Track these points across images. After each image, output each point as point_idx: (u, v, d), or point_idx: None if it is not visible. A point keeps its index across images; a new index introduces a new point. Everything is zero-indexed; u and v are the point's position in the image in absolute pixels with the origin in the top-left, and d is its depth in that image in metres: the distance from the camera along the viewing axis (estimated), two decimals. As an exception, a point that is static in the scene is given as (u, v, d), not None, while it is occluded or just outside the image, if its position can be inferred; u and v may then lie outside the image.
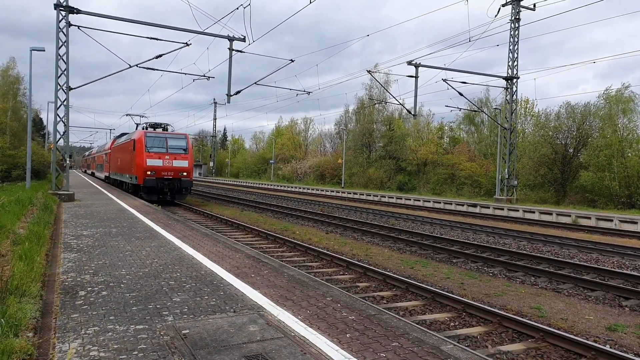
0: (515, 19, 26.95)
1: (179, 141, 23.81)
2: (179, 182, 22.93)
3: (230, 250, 8.88)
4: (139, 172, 22.47)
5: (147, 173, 22.02)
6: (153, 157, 22.28)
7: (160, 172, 22.35)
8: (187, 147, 23.79)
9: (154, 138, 22.92)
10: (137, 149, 22.75)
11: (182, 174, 22.97)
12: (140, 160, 22.32)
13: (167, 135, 23.63)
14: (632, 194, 28.57)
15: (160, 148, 22.67)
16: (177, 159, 22.98)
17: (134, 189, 24.22)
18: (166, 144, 22.99)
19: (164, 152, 22.68)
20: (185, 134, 24.90)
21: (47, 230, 10.15)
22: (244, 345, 4.16)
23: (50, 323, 4.65)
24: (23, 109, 45.56)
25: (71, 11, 18.34)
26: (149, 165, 22.10)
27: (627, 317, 7.37)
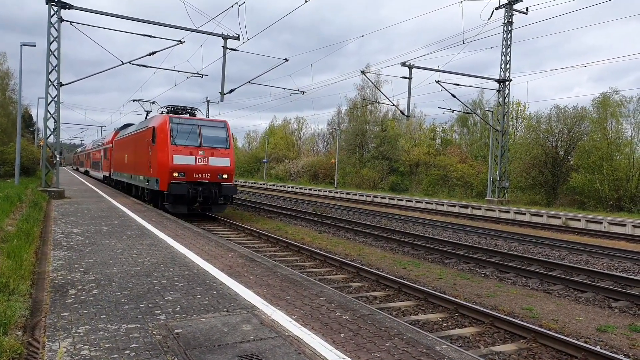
0: (508, 22, 27.13)
1: (217, 131, 17.23)
2: (217, 188, 16.56)
3: (222, 249, 8.83)
4: (161, 173, 16.04)
5: (174, 175, 15.69)
6: (182, 152, 15.98)
7: (192, 173, 16.03)
8: (228, 140, 17.26)
9: (182, 126, 16.47)
10: (159, 140, 16.35)
11: (221, 176, 16.62)
12: (164, 157, 15.93)
13: (201, 123, 17.06)
14: (620, 197, 28.90)
15: (191, 140, 16.40)
16: (215, 155, 16.54)
17: (152, 196, 17.68)
18: (199, 135, 16.62)
19: (196, 145, 16.38)
20: (225, 121, 17.76)
21: (36, 227, 10.03)
22: (237, 344, 4.12)
23: (40, 321, 4.58)
24: (12, 105, 45.00)
25: (63, 6, 18.14)
26: (176, 165, 15.75)
27: (616, 318, 7.44)
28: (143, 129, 19.13)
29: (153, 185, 16.89)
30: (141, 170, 18.96)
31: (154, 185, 16.71)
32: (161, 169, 16.11)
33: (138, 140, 19.98)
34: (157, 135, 16.55)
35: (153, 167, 16.91)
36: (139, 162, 19.39)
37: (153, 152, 16.91)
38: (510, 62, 27.69)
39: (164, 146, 16.05)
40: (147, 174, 17.72)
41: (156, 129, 16.69)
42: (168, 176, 15.78)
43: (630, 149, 30.45)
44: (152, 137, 17.02)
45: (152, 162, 17.06)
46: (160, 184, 16.11)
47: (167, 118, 16.42)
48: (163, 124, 16.42)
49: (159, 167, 16.22)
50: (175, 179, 15.79)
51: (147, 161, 17.82)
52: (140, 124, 21.41)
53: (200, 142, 16.57)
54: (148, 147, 17.59)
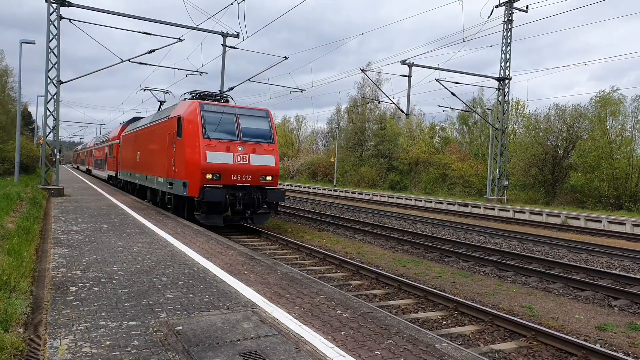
0: (508, 20, 27.11)
1: (259, 121, 13.86)
2: (261, 193, 13.24)
3: (222, 247, 8.83)
4: (190, 175, 12.76)
5: (207, 177, 12.49)
6: (217, 148, 12.72)
7: (230, 175, 12.80)
8: (272, 133, 13.93)
9: (216, 114, 13.16)
10: (188, 133, 13.06)
11: (264, 178, 13.35)
12: (194, 154, 12.66)
13: (239, 111, 13.66)
14: (620, 196, 28.94)
15: (228, 133, 13.15)
16: (257, 152, 13.26)
17: (176, 203, 14.24)
18: (237, 126, 13.26)
19: (234, 139, 13.12)
20: (267, 110, 14.37)
21: (36, 225, 10.02)
22: (238, 342, 4.13)
23: (41, 319, 4.59)
24: (11, 103, 44.92)
25: (62, 4, 18.10)
26: (210, 164, 12.52)
27: (616, 316, 7.46)
28: (163, 120, 15.60)
29: (178, 189, 13.42)
30: (160, 171, 15.53)
31: (180, 190, 13.26)
32: (190, 170, 12.66)
33: (155, 134, 16.52)
34: (185, 126, 13.12)
35: (178, 167, 13.47)
36: (157, 160, 16.03)
37: (179, 148, 13.49)
38: (510, 61, 27.69)
39: (194, 140, 12.66)
40: (169, 175, 14.29)
41: (183, 119, 13.22)
42: (200, 178, 12.37)
43: (630, 147, 30.47)
44: (177, 129, 13.54)
45: (176, 160, 13.63)
46: (189, 189, 12.68)
47: (198, 104, 13.00)
48: (192, 112, 13.00)
49: (188, 167, 12.78)
50: (209, 182, 12.43)
51: (168, 160, 14.45)
52: (158, 114, 17.85)
53: (239, 136, 13.13)
54: (171, 142, 14.22)
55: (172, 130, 14.22)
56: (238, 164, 12.92)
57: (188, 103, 13.79)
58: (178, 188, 13.54)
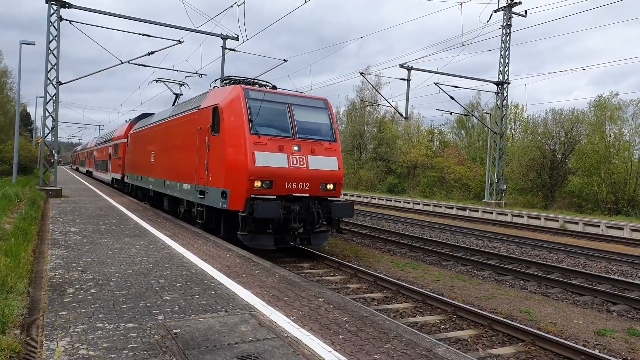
0: (507, 25, 27.20)
1: (317, 113, 11.10)
2: (321, 206, 10.39)
3: (220, 250, 8.81)
4: (233, 181, 9.94)
5: (255, 186, 9.73)
6: (268, 147, 9.96)
7: (284, 182, 10.00)
8: (333, 128, 11.11)
9: (265, 104, 10.41)
10: (228, 127, 10.23)
11: (325, 186, 10.53)
12: (238, 155, 9.94)
13: (292, 100, 10.88)
14: (618, 200, 28.97)
15: (280, 128, 10.38)
16: (316, 152, 10.47)
17: (211, 217, 11.35)
18: (291, 119, 10.52)
19: (288, 136, 10.34)
20: (325, 99, 11.55)
21: (34, 226, 10.00)
22: (236, 345, 4.11)
23: (38, 320, 4.56)
24: (11, 103, 44.85)
25: (63, 5, 18.10)
26: (260, 168, 9.75)
27: (615, 321, 7.45)
28: (189, 112, 12.68)
29: (213, 200, 10.49)
30: (185, 175, 12.58)
31: (216, 201, 10.31)
32: (233, 175, 9.84)
33: (178, 130, 13.69)
34: (225, 118, 10.22)
35: (215, 171, 10.58)
36: (181, 162, 13.11)
37: (215, 147, 10.59)
38: (508, 65, 27.77)
39: (239, 137, 9.88)
40: (200, 181, 11.31)
41: (222, 110, 10.35)
42: (246, 187, 9.56)
43: (628, 152, 30.55)
44: (213, 122, 10.69)
45: (211, 163, 10.75)
46: (231, 200, 9.85)
47: (242, 90, 10.23)
48: (235, 100, 10.19)
49: (229, 171, 9.94)
50: (258, 191, 9.64)
51: (199, 162, 11.45)
52: (179, 106, 14.78)
53: (294, 131, 10.32)
54: (203, 140, 11.23)
55: (204, 124, 11.22)
56: (293, 168, 9.97)
57: (227, 89, 10.80)
58: (214, 198, 10.49)
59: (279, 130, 10.31)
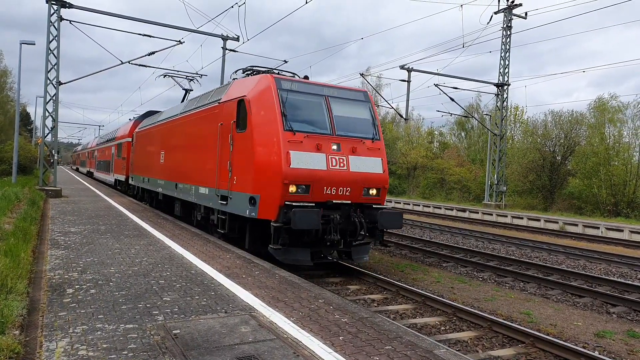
0: (507, 27, 27.23)
1: (357, 107, 9.77)
2: (364, 213, 9.05)
3: (220, 250, 8.80)
4: (265, 186, 8.59)
5: (290, 191, 8.40)
6: (304, 146, 8.63)
7: (322, 187, 8.66)
8: (376, 124, 9.78)
9: (299, 96, 9.10)
10: (257, 122, 8.91)
11: (368, 191, 9.21)
12: (271, 155, 8.62)
13: (329, 91, 9.53)
14: (618, 202, 28.99)
15: (316, 123, 9.07)
16: (357, 152, 9.14)
17: (234, 225, 9.90)
18: (329, 113, 9.21)
19: (326, 133, 8.99)
20: (365, 91, 10.34)
21: (33, 226, 9.99)
22: (236, 346, 4.10)
23: (38, 321, 4.55)
24: (10, 103, 44.85)
25: (63, 5, 18.11)
26: (295, 170, 8.40)
27: (614, 323, 7.45)
28: (208, 107, 11.21)
29: (239, 207, 9.11)
30: (202, 178, 11.21)
31: (243, 208, 8.96)
32: (264, 179, 8.48)
33: (194, 127, 12.15)
34: (253, 112, 8.87)
35: (240, 173, 9.21)
36: (197, 163, 11.75)
37: (241, 145, 9.18)
38: (509, 67, 27.79)
39: (271, 133, 8.53)
40: (222, 185, 9.93)
41: (250, 102, 8.96)
42: (280, 192, 8.20)
43: (628, 154, 30.58)
44: (238, 117, 9.38)
45: (236, 164, 9.37)
46: (261, 207, 8.48)
47: (273, 80, 8.87)
48: (265, 91, 8.85)
49: (259, 173, 8.56)
50: (292, 197, 8.29)
51: (220, 162, 10.06)
52: (194, 101, 13.29)
53: (332, 128, 8.97)
54: (225, 138, 9.83)
55: (226, 120, 9.88)
56: (333, 171, 8.59)
57: (254, 79, 9.42)
58: (239, 205, 9.11)
59: (315, 126, 8.90)
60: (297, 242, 8.56)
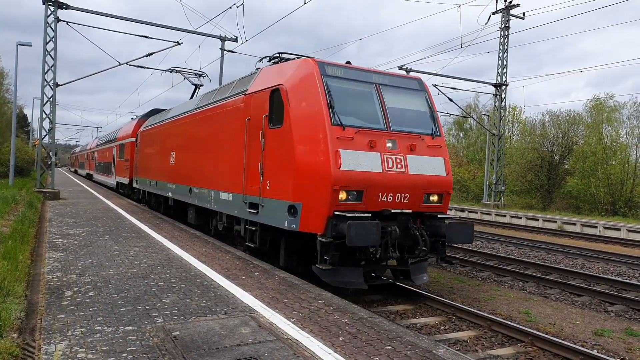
0: (505, 27, 27.28)
1: (412, 97, 8.32)
2: (425, 224, 7.65)
3: (219, 252, 8.79)
4: (309, 192, 7.04)
5: (340, 198, 6.87)
6: (356, 144, 7.09)
7: (377, 193, 7.13)
8: (435, 117, 8.34)
9: (346, 83, 7.64)
10: (297, 116, 7.39)
11: (429, 197, 7.71)
12: (316, 154, 7.03)
13: (379, 79, 8.05)
14: (615, 201, 29.07)
15: (368, 117, 7.50)
16: (416, 150, 7.62)
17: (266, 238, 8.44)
18: (381, 105, 7.68)
19: (379, 128, 7.44)
20: (419, 78, 8.81)
21: (31, 228, 9.95)
22: (235, 347, 4.10)
23: (36, 324, 4.54)
24: (7, 105, 44.72)
25: (60, 6, 18.07)
26: (346, 173, 6.84)
27: (612, 322, 7.46)
28: (231, 99, 9.77)
29: (275, 217, 7.67)
30: (226, 182, 9.71)
31: (280, 219, 7.50)
32: (307, 183, 7.08)
33: (214, 124, 10.66)
34: (291, 104, 7.46)
35: (275, 176, 7.77)
36: (219, 165, 10.19)
37: (275, 143, 7.80)
38: (507, 67, 27.84)
39: (315, 129, 7.13)
40: (251, 190, 8.49)
41: (287, 92, 7.57)
42: (329, 199, 6.81)
43: (625, 153, 30.67)
44: (271, 110, 8.00)
45: (269, 165, 7.95)
46: (304, 218, 7.08)
47: (316, 65, 7.50)
48: (307, 79, 7.47)
49: (301, 177, 7.15)
50: (342, 205, 6.92)
51: (248, 164, 8.66)
52: (209, 95, 11.78)
53: (386, 122, 7.54)
54: (254, 135, 8.42)
55: (255, 114, 8.48)
56: (389, 173, 7.16)
57: (291, 65, 8.05)
58: (274, 215, 7.65)
59: (366, 119, 7.41)
60: (347, 260, 7.12)
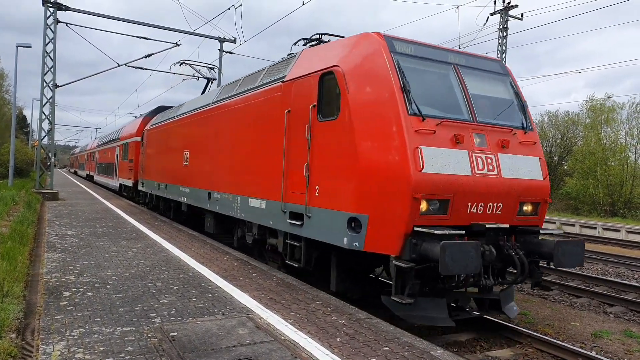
0: (503, 28, 27.32)
1: (494, 81, 6.69)
2: (519, 240, 6.01)
3: (218, 253, 8.79)
4: (378, 200, 5.50)
5: (422, 209, 5.33)
6: (438, 139, 5.58)
7: (466, 202, 5.58)
8: (524, 107, 6.68)
9: (421, 63, 6.12)
10: (358, 104, 5.87)
11: (523, 208, 6.11)
12: (389, 153, 5.49)
13: (456, 59, 6.47)
14: (614, 202, 29.11)
15: (445, 107, 5.93)
16: (507, 147, 6.03)
17: (310, 256, 6.93)
18: (462, 90, 6.15)
19: (463, 119, 5.90)
20: (499, 60, 8.18)
21: (30, 229, 9.95)
22: (233, 348, 4.10)
23: (34, 324, 4.54)
24: (7, 106, 44.73)
25: (59, 8, 18.10)
26: (430, 176, 5.34)
27: (611, 323, 7.47)
28: (266, 88, 8.22)
29: (330, 233, 6.18)
30: (259, 186, 8.19)
31: (339, 236, 5.98)
32: (377, 188, 5.60)
33: (242, 118, 9.12)
34: (351, 89, 6.03)
35: (329, 182, 6.29)
36: (250, 166, 8.66)
37: (326, 139, 6.40)
38: (505, 68, 27.86)
39: (386, 120, 5.68)
40: (294, 197, 7.02)
41: (344, 74, 6.15)
42: (408, 211, 5.31)
43: (625, 154, 30.72)
44: (320, 99, 6.61)
45: (319, 166, 6.52)
46: (372, 235, 5.60)
47: (382, 41, 6.11)
48: (372, 57, 6.08)
49: (368, 182, 5.67)
50: (424, 219, 5.44)
51: (290, 165, 7.19)
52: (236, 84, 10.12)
53: (471, 112, 6.10)
54: (299, 129, 6.99)
55: (298, 103, 7.02)
56: (480, 177, 5.75)
57: (350, 41, 6.61)
58: (329, 228, 6.16)
59: (446, 109, 5.94)
60: (432, 292, 5.85)
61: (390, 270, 5.66)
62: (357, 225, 5.73)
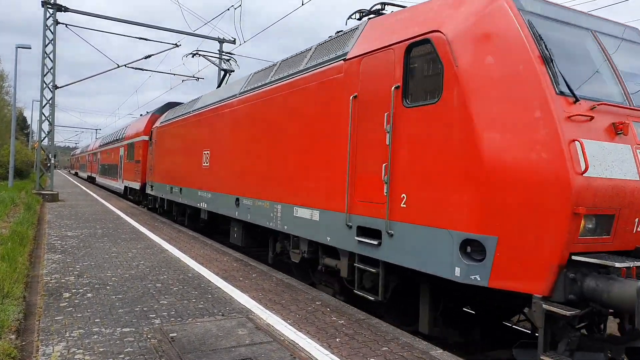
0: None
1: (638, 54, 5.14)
2: None
3: (218, 254, 8.80)
4: (512, 217, 3.93)
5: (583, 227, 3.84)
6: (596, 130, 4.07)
7: (633, 217, 4.09)
8: None
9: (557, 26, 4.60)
10: (477, 78, 4.25)
11: None
12: (533, 149, 3.92)
13: (595, 25, 4.95)
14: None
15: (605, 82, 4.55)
16: None
17: (387, 286, 5.35)
18: (610, 65, 4.65)
19: (619, 102, 4.38)
20: (636, 29, 5.47)
21: (30, 230, 9.96)
22: (232, 349, 4.11)
23: (34, 325, 4.55)
24: (7, 107, 44.76)
25: (59, 9, 18.14)
26: (592, 181, 3.85)
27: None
28: (319, 70, 6.62)
29: (432, 259, 4.49)
30: (307, 193, 6.69)
31: (446, 266, 4.34)
32: (513, 200, 3.97)
33: (281, 109, 7.64)
34: (461, 62, 4.38)
35: (424, 189, 4.62)
36: (295, 168, 7.10)
37: (419, 132, 4.73)
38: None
39: (524, 102, 4.08)
40: (367, 209, 5.39)
41: (448, 42, 4.48)
42: (565, 232, 3.77)
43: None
44: (406, 77, 5.02)
45: (407, 168, 4.84)
46: (503, 265, 4.01)
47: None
48: (494, 15, 4.43)
49: (498, 190, 4.03)
50: (583, 243, 3.91)
51: (358, 166, 5.59)
52: (274, 68, 8.46)
53: (625, 94, 4.56)
54: (371, 120, 5.42)
55: (370, 86, 5.54)
56: None
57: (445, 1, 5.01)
58: (426, 253, 4.60)
59: (594, 88, 4.52)
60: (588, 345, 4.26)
61: (534, 317, 4.03)
62: (477, 251, 4.18)
